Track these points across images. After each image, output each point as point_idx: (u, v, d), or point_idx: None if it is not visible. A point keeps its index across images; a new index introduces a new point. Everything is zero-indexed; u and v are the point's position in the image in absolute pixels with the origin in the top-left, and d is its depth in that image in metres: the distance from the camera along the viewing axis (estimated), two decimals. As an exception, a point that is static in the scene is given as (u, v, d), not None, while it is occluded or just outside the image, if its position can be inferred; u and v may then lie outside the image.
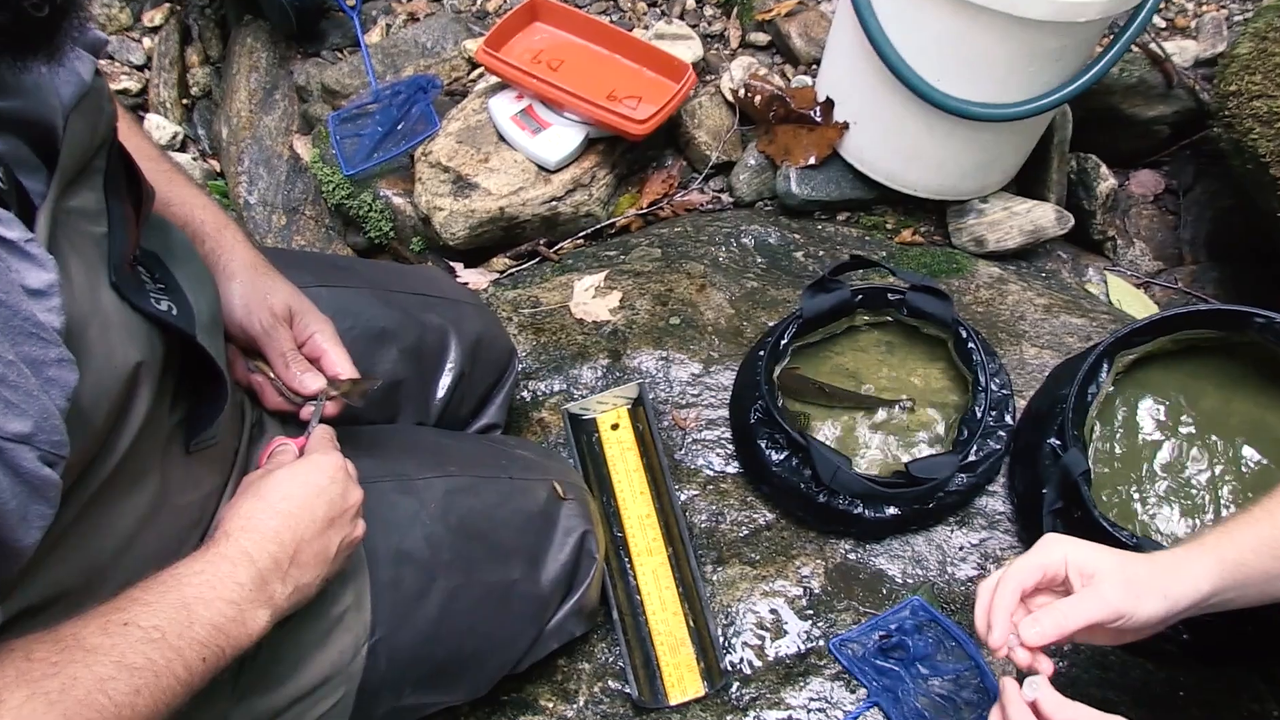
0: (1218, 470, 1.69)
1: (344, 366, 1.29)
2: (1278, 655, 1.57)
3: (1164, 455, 1.72)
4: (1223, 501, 1.67)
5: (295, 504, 1.07)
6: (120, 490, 0.98)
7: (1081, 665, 1.58)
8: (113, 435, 0.95)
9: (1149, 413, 1.76)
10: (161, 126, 2.94)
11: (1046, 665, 1.15)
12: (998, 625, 1.15)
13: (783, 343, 1.78)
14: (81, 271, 0.90)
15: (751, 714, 1.57)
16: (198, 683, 0.91)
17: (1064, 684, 1.54)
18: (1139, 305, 2.36)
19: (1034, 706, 1.11)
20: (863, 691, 1.58)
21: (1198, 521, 1.66)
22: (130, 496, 1.00)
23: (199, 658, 0.91)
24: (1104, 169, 2.46)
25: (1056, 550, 1.17)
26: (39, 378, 0.77)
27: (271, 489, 1.09)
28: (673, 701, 1.58)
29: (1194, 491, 1.68)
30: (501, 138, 2.40)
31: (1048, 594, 1.20)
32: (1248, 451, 1.70)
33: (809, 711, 1.57)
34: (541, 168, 2.35)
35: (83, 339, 0.87)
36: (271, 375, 1.29)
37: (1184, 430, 1.74)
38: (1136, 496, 1.69)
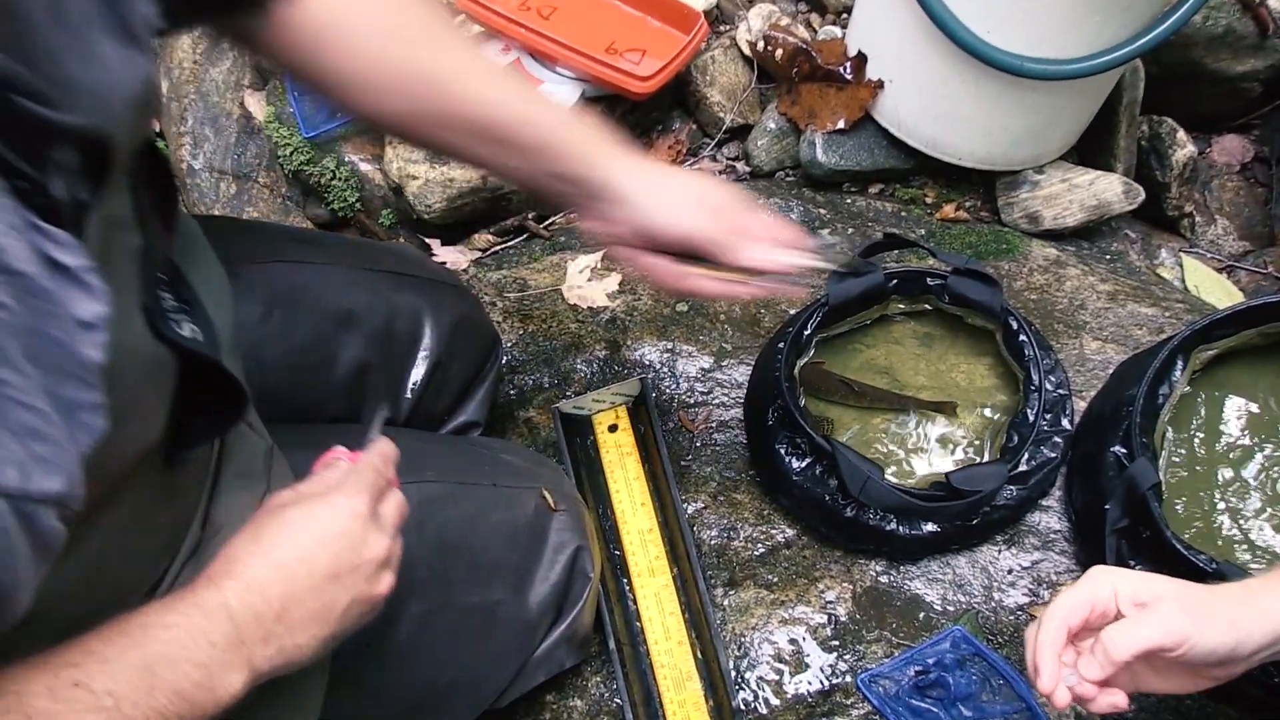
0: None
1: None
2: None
3: (1251, 467, 1.73)
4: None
5: (293, 553, 1.05)
6: (93, 511, 0.99)
7: (1152, 710, 1.60)
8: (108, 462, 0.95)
9: (1232, 418, 1.77)
10: (92, 80, 2.94)
11: (1121, 700, 1.16)
12: (1045, 666, 1.16)
13: (805, 333, 1.80)
14: (115, 294, 0.87)
15: (768, 759, 1.59)
16: None
17: (1130, 730, 1.56)
18: (1220, 292, 2.37)
19: None
20: (895, 734, 1.60)
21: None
22: (103, 517, 1.00)
23: None
24: (1181, 134, 2.47)
25: (1104, 582, 1.17)
26: (70, 422, 0.77)
27: (273, 530, 1.07)
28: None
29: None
30: (484, 95, 2.41)
31: (1098, 633, 1.21)
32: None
33: (834, 757, 1.59)
34: (530, 130, 2.36)
35: (109, 375, 0.86)
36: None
37: (1275, 438, 1.75)
38: (1217, 515, 1.70)
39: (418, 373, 1.60)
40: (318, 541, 1.06)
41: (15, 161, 0.75)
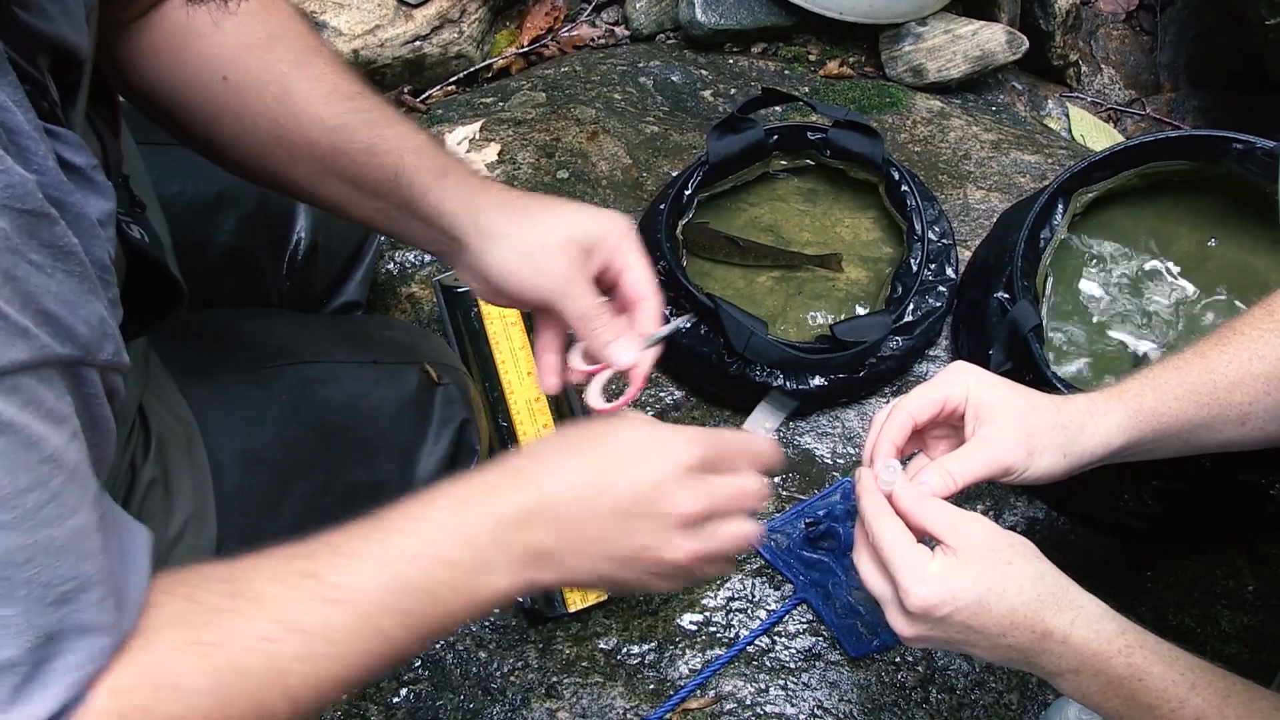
0: (1195, 321, 1.76)
1: (654, 320, 1.21)
2: (1260, 530, 1.66)
3: (1131, 308, 1.78)
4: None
5: (595, 476, 1.03)
6: None
7: (1035, 542, 1.65)
8: None
9: (1113, 260, 1.81)
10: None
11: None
12: (879, 455, 1.21)
13: (686, 193, 1.82)
14: None
15: (662, 618, 1.63)
16: (400, 651, 0.94)
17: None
18: (1107, 140, 2.41)
19: (891, 499, 1.16)
20: (789, 587, 1.65)
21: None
22: None
23: (398, 624, 0.93)
24: (1064, -18, 2.49)
25: (959, 383, 1.22)
26: None
27: (590, 443, 1.06)
28: (571, 608, 1.63)
29: (1169, 349, 1.74)
30: (351, -34, 2.38)
31: (946, 428, 1.27)
32: (1228, 299, 1.77)
33: (729, 612, 1.64)
34: (402, 1, 2.34)
35: None
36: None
37: (1155, 278, 1.79)
38: (1098, 356, 1.75)
39: (294, 254, 1.59)
40: (624, 467, 1.04)
41: (26, 66, 0.78)
